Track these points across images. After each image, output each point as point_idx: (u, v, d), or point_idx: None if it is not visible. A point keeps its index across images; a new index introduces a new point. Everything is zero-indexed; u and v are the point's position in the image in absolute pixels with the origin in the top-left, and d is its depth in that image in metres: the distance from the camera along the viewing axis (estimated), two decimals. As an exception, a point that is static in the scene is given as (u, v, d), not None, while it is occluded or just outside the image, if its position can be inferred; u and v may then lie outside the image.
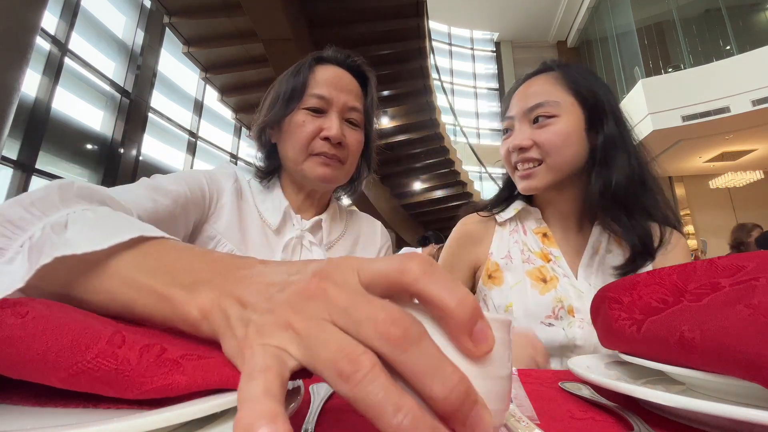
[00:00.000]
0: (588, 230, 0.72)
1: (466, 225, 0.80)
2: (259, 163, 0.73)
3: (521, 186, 0.71)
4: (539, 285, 0.68)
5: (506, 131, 0.74)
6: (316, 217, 0.70)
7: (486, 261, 0.76)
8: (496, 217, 0.77)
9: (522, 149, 0.68)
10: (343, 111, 0.67)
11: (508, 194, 0.80)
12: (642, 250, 0.64)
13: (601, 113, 0.68)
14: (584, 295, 0.66)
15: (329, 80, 0.67)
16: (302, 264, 0.21)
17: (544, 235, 0.74)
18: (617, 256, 0.69)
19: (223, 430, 0.21)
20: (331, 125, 0.64)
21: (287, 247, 0.65)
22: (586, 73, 0.71)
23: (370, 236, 0.77)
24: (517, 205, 0.77)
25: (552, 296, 0.66)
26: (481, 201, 0.84)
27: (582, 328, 0.63)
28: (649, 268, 0.67)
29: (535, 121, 0.68)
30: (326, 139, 0.64)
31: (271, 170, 0.73)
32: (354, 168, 0.72)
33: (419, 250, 3.30)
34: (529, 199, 0.79)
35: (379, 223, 0.81)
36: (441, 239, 3.15)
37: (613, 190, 0.64)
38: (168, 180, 0.59)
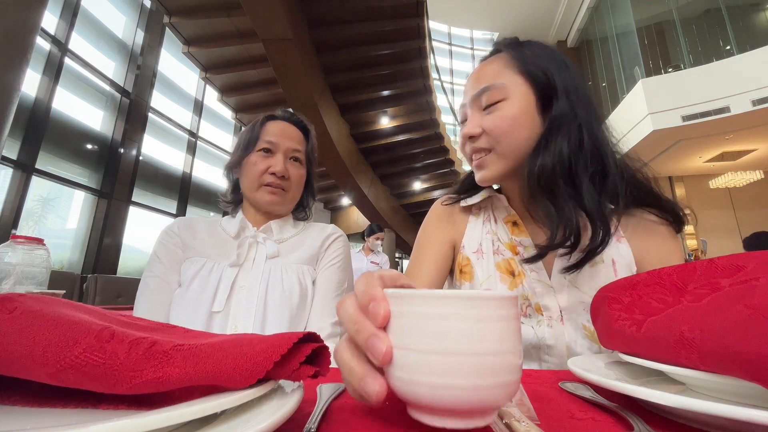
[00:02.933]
0: None
1: (444, 204, 0.78)
2: (226, 197, 0.96)
3: (477, 177, 0.67)
4: (508, 279, 0.65)
5: (464, 121, 0.69)
6: (268, 223, 0.89)
7: (459, 253, 0.72)
8: (462, 202, 0.75)
9: (472, 137, 0.64)
10: (287, 153, 0.88)
11: (473, 180, 0.75)
12: (561, 242, 0.56)
13: (551, 91, 0.62)
14: (553, 291, 0.61)
15: (277, 131, 0.89)
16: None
17: (514, 223, 0.69)
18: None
19: (222, 430, 0.21)
20: (277, 163, 0.86)
21: (242, 244, 0.84)
22: (540, 50, 0.66)
23: (319, 235, 0.92)
24: (484, 192, 0.74)
25: (519, 292, 0.63)
26: (454, 188, 0.81)
27: (551, 327, 0.60)
28: (607, 268, 0.60)
29: (486, 107, 0.64)
30: (273, 173, 0.85)
31: (235, 200, 0.95)
32: (298, 196, 0.94)
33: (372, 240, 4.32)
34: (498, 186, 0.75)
35: (331, 226, 0.96)
36: (381, 229, 4.30)
37: (537, 173, 0.59)
38: (149, 278, 0.81)
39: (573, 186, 0.59)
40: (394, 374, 0.24)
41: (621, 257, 0.61)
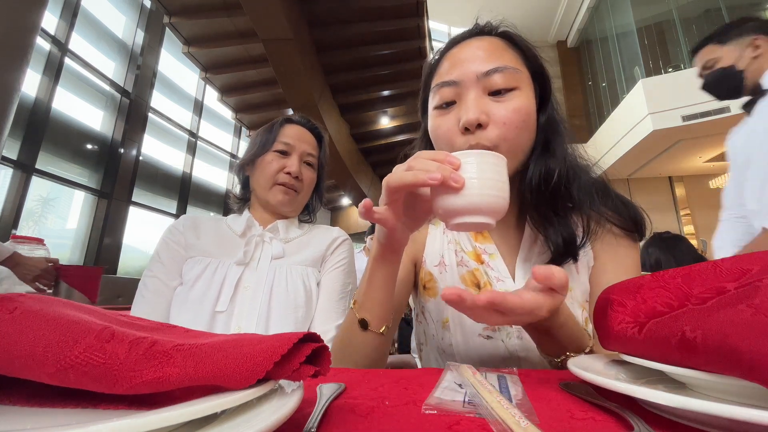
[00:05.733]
0: (525, 219, 0.63)
1: None
2: (237, 193, 0.97)
3: None
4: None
5: (445, 104, 0.57)
6: (274, 222, 0.90)
7: (421, 268, 0.68)
8: None
9: (479, 126, 0.52)
10: (302, 155, 0.90)
11: None
12: (564, 252, 0.56)
13: (549, 90, 0.58)
14: None
15: (294, 134, 0.91)
16: None
17: None
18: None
19: (222, 430, 0.21)
20: (293, 163, 0.88)
21: (249, 242, 0.85)
22: (534, 49, 0.60)
23: (325, 236, 0.93)
24: None
25: None
26: None
27: (521, 339, 0.56)
28: (570, 265, 0.59)
29: (494, 92, 0.53)
30: (288, 173, 0.87)
31: (244, 197, 0.95)
32: (307, 198, 0.96)
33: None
34: None
35: (336, 229, 0.97)
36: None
37: (554, 181, 0.55)
38: (148, 278, 0.81)
39: (569, 194, 0.58)
40: (463, 193, 0.40)
41: (583, 256, 0.60)
